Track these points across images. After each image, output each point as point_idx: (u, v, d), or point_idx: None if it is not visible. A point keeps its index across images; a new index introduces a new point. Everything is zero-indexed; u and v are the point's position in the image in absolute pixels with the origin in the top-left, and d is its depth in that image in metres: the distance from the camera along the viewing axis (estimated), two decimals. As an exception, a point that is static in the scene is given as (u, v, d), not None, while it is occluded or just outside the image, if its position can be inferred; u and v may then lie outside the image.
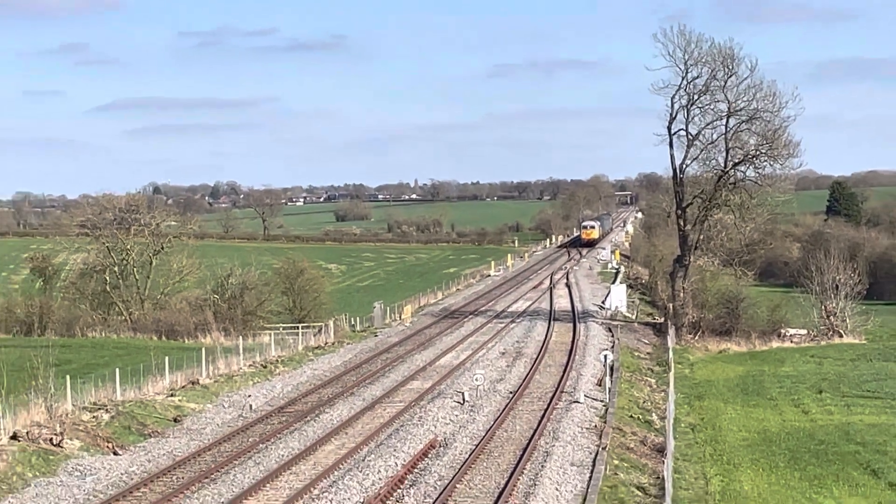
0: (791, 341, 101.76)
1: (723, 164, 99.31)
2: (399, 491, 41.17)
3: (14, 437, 47.62)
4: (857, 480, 48.02)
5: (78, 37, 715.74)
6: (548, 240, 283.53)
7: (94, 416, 53.64)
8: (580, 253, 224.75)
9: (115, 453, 49.02)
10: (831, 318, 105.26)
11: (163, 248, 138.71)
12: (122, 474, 45.21)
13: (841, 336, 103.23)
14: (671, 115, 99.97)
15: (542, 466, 44.82)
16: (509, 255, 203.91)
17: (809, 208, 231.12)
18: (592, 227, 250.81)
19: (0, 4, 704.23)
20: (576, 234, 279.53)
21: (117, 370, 62.52)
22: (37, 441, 47.66)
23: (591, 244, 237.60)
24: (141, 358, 74.55)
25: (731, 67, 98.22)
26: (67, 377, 56.34)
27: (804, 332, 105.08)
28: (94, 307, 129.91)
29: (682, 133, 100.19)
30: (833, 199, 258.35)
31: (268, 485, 42.37)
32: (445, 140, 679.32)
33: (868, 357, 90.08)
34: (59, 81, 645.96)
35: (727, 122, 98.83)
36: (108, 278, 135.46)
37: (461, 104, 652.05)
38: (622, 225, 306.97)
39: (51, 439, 48.28)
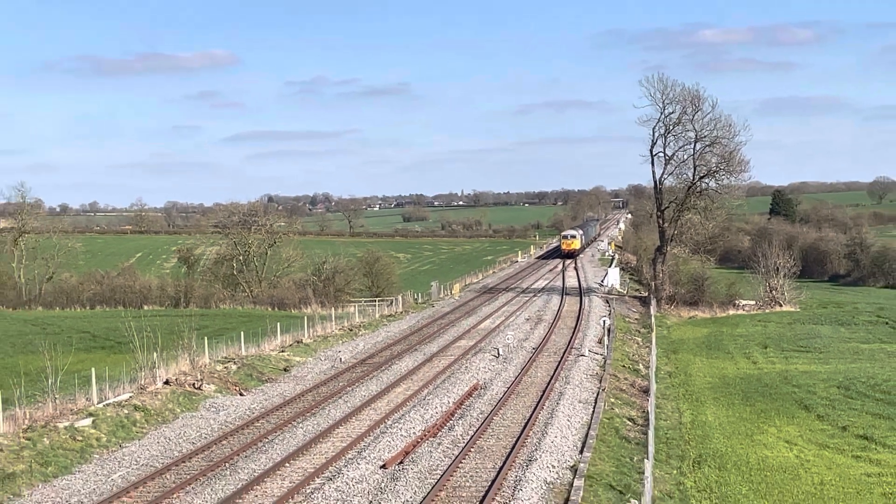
0: (743, 310, 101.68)
1: (691, 178, 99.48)
2: (450, 422, 41.45)
3: (167, 382, 48.04)
4: (793, 413, 47.91)
5: (212, 86, 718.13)
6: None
7: (225, 367, 54.04)
8: (562, 263, 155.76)
9: (241, 394, 49.44)
10: (773, 292, 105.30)
11: (275, 243, 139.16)
12: (245, 410, 45.60)
13: (780, 305, 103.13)
14: (652, 141, 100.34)
15: (557, 403, 45.00)
16: (532, 247, 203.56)
17: (756, 210, 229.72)
18: (573, 237, 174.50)
19: (157, 64, 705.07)
20: (555, 244, 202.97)
21: (242, 333, 62.89)
22: (183, 385, 48.08)
23: (571, 255, 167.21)
24: (259, 324, 75.00)
25: (697, 105, 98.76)
26: (205, 338, 56.69)
27: (753, 302, 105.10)
28: (225, 286, 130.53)
29: (661, 154, 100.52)
30: (774, 203, 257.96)
31: (353, 418, 42.65)
32: (483, 160, 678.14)
33: (801, 321, 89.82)
34: (198, 119, 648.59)
35: (695, 146, 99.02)
36: (234, 265, 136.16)
37: (495, 133, 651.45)
38: (616, 224, 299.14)
39: (193, 384, 48.67)
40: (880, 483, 35.35)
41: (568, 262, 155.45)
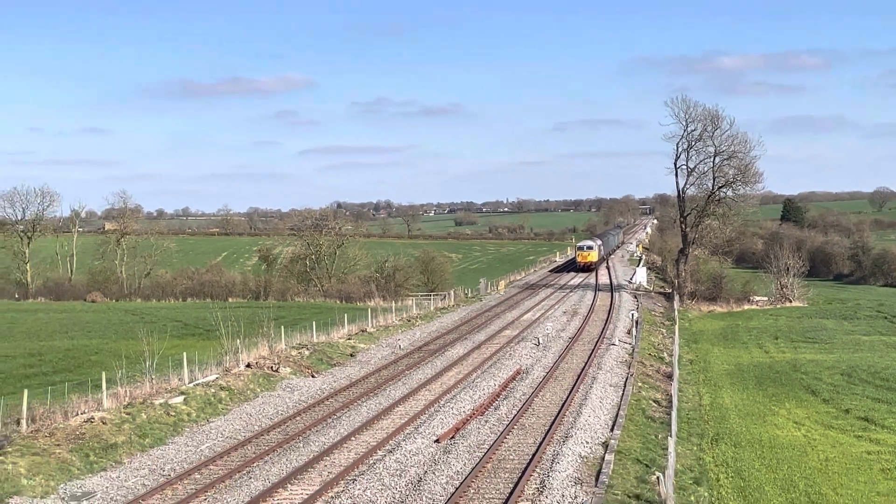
0: (756, 305, 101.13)
1: (711, 188, 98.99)
2: (496, 402, 41.43)
3: (248, 365, 48.38)
4: (801, 397, 47.57)
5: (288, 106, 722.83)
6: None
7: (298, 352, 54.32)
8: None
9: (313, 376, 49.65)
10: (784, 289, 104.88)
11: (343, 244, 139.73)
12: (317, 390, 45.81)
13: (790, 301, 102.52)
14: (676, 155, 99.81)
15: (591, 386, 44.86)
16: (568, 248, 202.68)
17: (769, 217, 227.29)
18: (590, 249, 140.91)
19: (240, 87, 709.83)
20: (571, 256, 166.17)
21: (313, 323, 63.18)
22: (262, 368, 48.39)
23: (588, 269, 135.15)
24: (329, 315, 75.28)
25: (716, 123, 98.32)
26: (281, 327, 56.98)
27: (765, 298, 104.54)
28: (299, 281, 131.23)
29: (684, 167, 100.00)
30: (785, 211, 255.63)
31: (411, 398, 42.74)
32: (526, 171, 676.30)
33: (808, 315, 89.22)
34: (276, 135, 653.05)
35: (714, 159, 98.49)
36: (307, 263, 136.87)
37: (536, 148, 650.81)
38: (643, 228, 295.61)
39: (271, 367, 48.96)
40: (879, 460, 35.12)
41: (584, 274, 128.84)
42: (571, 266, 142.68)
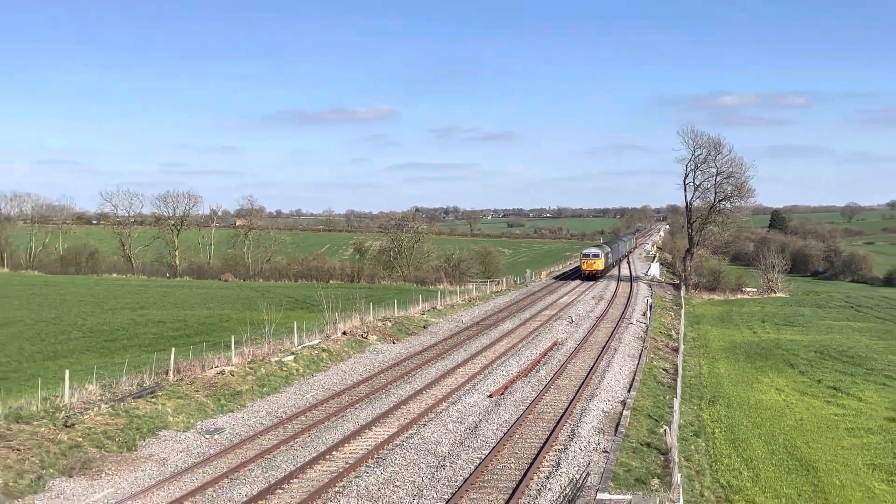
0: (748, 294, 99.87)
1: (713, 201, 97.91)
2: (537, 367, 41.34)
3: (344, 332, 48.73)
4: (782, 369, 46.97)
5: (379, 131, 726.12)
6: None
7: (383, 323, 54.59)
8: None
9: (394, 343, 49.88)
10: (770, 282, 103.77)
11: (419, 240, 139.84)
12: (396, 353, 46.03)
13: (775, 293, 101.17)
14: (685, 174, 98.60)
15: (613, 356, 44.58)
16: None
17: (759, 224, 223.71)
18: (595, 256, 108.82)
19: (342, 116, 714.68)
20: (576, 264, 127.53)
21: (395, 301, 63.51)
22: (354, 335, 48.72)
23: (593, 277, 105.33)
24: (407, 295, 75.59)
25: (718, 149, 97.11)
26: (370, 304, 57.30)
27: (755, 290, 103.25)
28: (385, 268, 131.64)
29: (691, 183, 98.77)
30: (772, 220, 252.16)
31: (470, 361, 42.78)
32: (565, 185, 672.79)
33: (789, 304, 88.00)
34: (369, 154, 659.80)
35: (716, 178, 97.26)
36: (391, 254, 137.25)
37: (573, 166, 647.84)
38: (658, 232, 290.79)
39: (361, 334, 49.28)
40: (844, 421, 34.71)
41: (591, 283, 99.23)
42: (576, 274, 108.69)
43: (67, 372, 30.29)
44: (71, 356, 45.74)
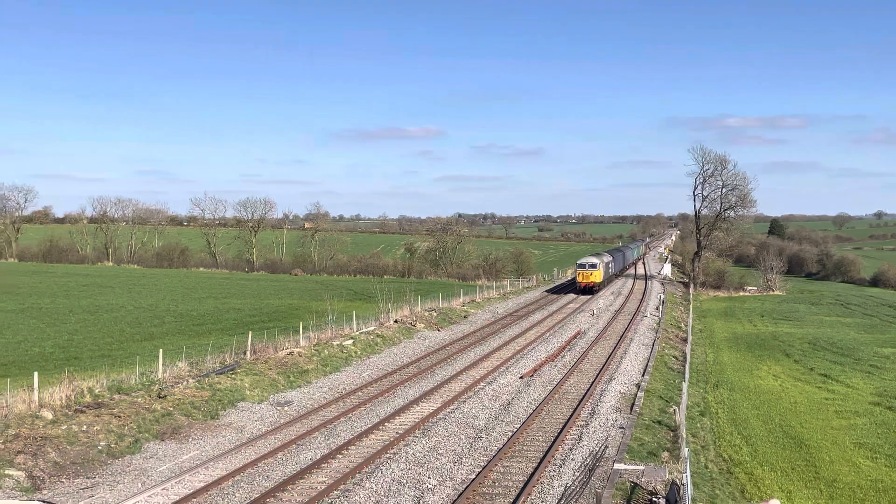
0: (749, 292, 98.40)
1: (718, 209, 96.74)
2: (562, 353, 41.11)
3: (396, 321, 48.87)
4: (779, 358, 46.31)
5: (427, 147, 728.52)
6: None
7: (429, 313, 54.67)
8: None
9: (438, 330, 49.90)
10: (769, 282, 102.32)
11: (461, 241, 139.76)
12: (440, 339, 46.05)
13: (773, 291, 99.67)
14: (694, 186, 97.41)
15: (629, 344, 44.18)
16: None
17: (759, 231, 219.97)
18: (592, 267, 76.67)
19: (395, 133, 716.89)
20: (571, 277, 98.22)
21: (440, 294, 63.64)
22: (404, 323, 48.83)
23: (590, 291, 75.93)
24: (450, 289, 75.64)
25: (724, 164, 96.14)
26: (419, 296, 57.51)
27: (755, 288, 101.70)
28: (431, 266, 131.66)
29: (700, 194, 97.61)
30: (771, 227, 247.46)
31: (504, 347, 42.65)
32: (588, 195, 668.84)
33: (786, 301, 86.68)
34: (418, 167, 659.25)
35: (722, 190, 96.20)
36: (437, 253, 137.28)
37: (596, 178, 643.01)
38: (670, 236, 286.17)
39: (411, 322, 49.38)
40: (833, 404, 34.17)
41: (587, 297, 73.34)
42: (571, 287, 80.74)
43: (161, 351, 30.75)
44: (164, 338, 46.44)
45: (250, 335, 36.49)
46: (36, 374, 24.82)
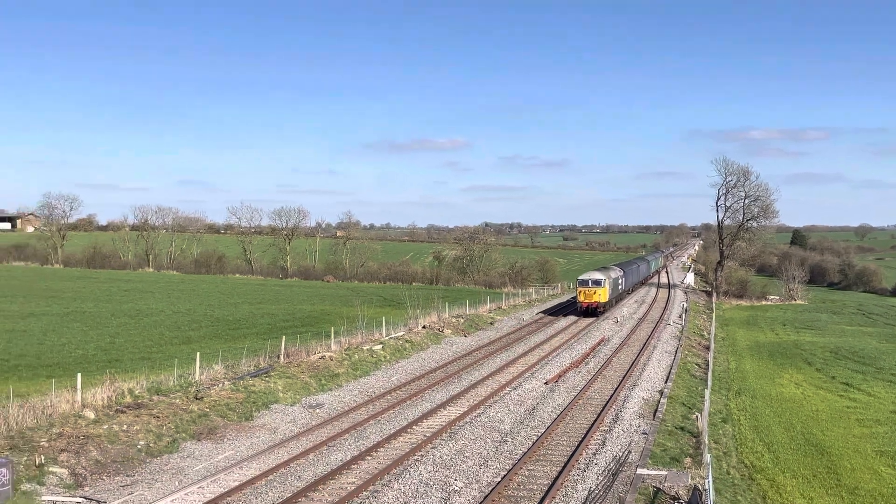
0: (771, 301, 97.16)
1: (741, 220, 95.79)
2: (587, 359, 40.83)
3: (424, 326, 48.84)
4: (800, 366, 45.66)
5: (455, 158, 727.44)
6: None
7: (456, 319, 54.58)
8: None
9: (465, 336, 49.81)
10: (791, 291, 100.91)
11: (488, 250, 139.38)
12: (467, 345, 45.97)
13: (795, 300, 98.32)
14: (717, 197, 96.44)
15: (653, 351, 43.78)
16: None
17: (782, 241, 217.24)
18: (596, 284, 60.32)
19: (424, 145, 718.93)
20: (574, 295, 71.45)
21: (467, 301, 63.58)
22: (432, 329, 48.80)
23: (593, 312, 60.08)
24: (477, 297, 75.52)
25: (746, 176, 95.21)
26: (446, 303, 57.45)
27: (777, 297, 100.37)
28: (459, 274, 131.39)
29: (723, 205, 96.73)
30: (793, 237, 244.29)
31: (529, 353, 42.47)
32: (613, 205, 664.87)
33: (808, 310, 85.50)
34: (446, 177, 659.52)
35: (744, 200, 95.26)
36: (464, 261, 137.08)
37: (621, 189, 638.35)
38: (693, 246, 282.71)
39: (438, 328, 49.33)
40: (854, 412, 33.62)
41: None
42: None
43: (198, 354, 31.00)
44: (201, 341, 46.80)
45: (284, 339, 36.68)
46: (79, 375, 25.13)
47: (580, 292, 61.51)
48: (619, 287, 69.98)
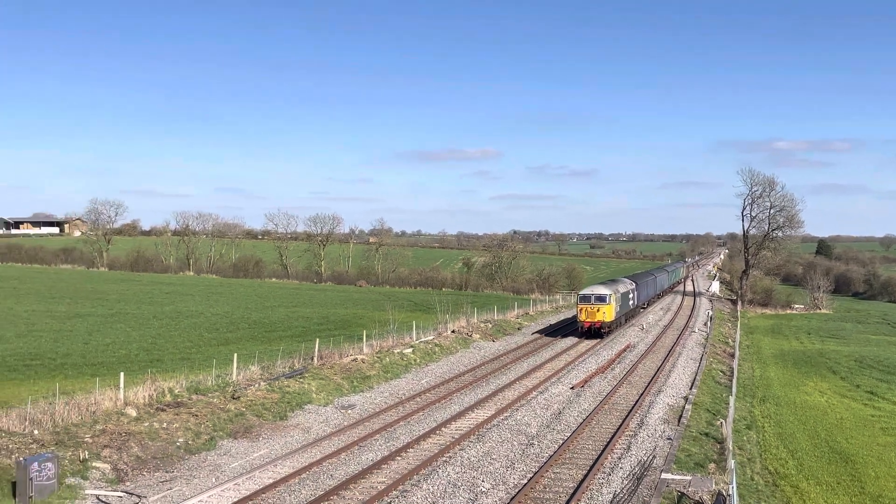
0: (796, 310, 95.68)
1: (766, 230, 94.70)
2: (612, 365, 40.50)
3: (453, 331, 48.85)
4: (825, 375, 44.91)
5: (484, 168, 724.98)
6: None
7: (484, 324, 54.49)
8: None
9: (493, 340, 49.70)
10: (816, 300, 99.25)
11: (516, 257, 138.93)
12: (495, 349, 45.87)
13: (820, 309, 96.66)
14: (743, 206, 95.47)
15: (677, 359, 43.32)
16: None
17: (807, 251, 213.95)
18: (600, 301, 49.18)
19: (455, 154, 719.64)
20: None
21: (495, 306, 63.44)
22: (461, 333, 48.78)
23: (596, 334, 49.49)
24: (505, 302, 75.32)
25: (772, 186, 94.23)
26: (475, 308, 57.39)
27: (802, 306, 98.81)
28: (487, 280, 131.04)
29: (748, 215, 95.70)
30: (818, 247, 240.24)
31: (556, 357, 42.24)
32: (638, 214, 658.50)
33: (833, 319, 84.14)
34: (475, 186, 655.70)
35: (770, 210, 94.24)
36: (493, 268, 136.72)
37: (647, 198, 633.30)
38: (719, 255, 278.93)
39: (467, 333, 49.31)
40: (879, 420, 33.03)
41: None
42: (570, 328, 55.59)
43: (235, 355, 31.30)
44: (238, 343, 47.23)
45: (317, 342, 36.89)
46: (122, 374, 25.50)
47: (581, 310, 49.99)
48: (631, 302, 59.17)
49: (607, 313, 49.75)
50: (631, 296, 58.84)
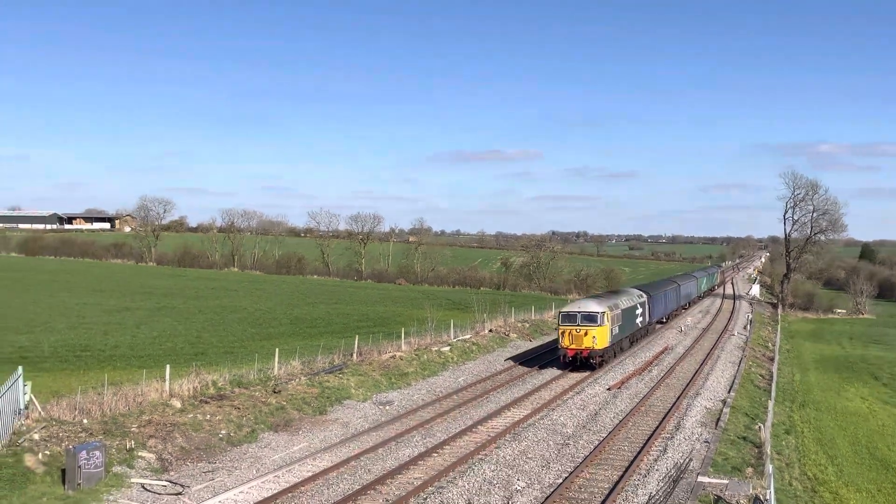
0: (838, 315, 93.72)
1: (809, 233, 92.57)
2: (650, 367, 40.00)
3: (490, 330, 48.72)
4: (867, 381, 43.89)
5: (524, 168, 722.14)
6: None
7: (521, 324, 54.24)
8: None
9: (530, 340, 49.47)
10: (859, 305, 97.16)
11: (554, 257, 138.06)
12: (532, 348, 45.60)
13: (863, 314, 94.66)
14: (785, 210, 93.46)
15: (716, 362, 42.64)
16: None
17: (850, 255, 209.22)
18: (589, 321, 35.25)
19: (495, 155, 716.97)
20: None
21: (532, 307, 63.03)
22: (498, 333, 48.64)
23: (584, 364, 35.73)
24: (542, 303, 74.86)
25: (815, 189, 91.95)
26: (512, 308, 57.17)
27: (845, 311, 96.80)
28: (525, 280, 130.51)
29: (790, 218, 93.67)
30: (862, 252, 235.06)
31: (593, 359, 41.91)
32: (678, 217, 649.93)
33: (876, 325, 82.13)
34: (515, 186, 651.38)
35: (812, 214, 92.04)
36: (531, 268, 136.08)
37: (686, 201, 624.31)
38: (759, 258, 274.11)
39: (504, 332, 49.15)
40: (924, 430, 32.01)
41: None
42: (548, 356, 40.82)
43: (277, 350, 31.62)
44: (280, 338, 47.70)
45: (357, 339, 37.10)
46: (168, 366, 25.94)
47: (563, 332, 36.71)
48: (639, 320, 46.01)
49: (598, 338, 36.44)
50: (639, 311, 45.81)
